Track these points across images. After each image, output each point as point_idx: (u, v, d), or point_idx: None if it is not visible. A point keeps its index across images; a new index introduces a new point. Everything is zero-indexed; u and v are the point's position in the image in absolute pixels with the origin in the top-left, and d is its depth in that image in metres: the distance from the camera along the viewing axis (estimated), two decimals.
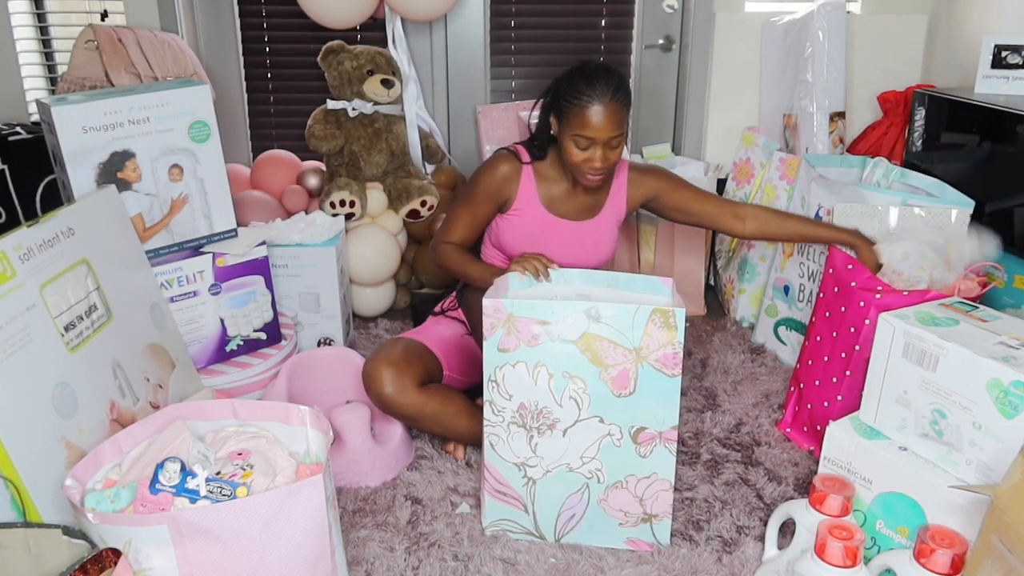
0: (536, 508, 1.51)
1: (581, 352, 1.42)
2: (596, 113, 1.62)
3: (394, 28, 2.55)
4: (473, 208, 1.81)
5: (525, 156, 1.81)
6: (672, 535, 1.53)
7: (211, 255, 1.84)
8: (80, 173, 1.66)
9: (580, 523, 1.51)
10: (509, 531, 1.54)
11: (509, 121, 2.74)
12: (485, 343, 1.45)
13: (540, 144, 1.80)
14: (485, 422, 1.50)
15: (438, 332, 1.88)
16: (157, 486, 1.18)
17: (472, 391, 1.87)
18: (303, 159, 2.68)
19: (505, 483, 1.51)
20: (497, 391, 1.46)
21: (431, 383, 1.74)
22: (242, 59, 2.81)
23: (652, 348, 1.40)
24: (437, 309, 1.99)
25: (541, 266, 1.57)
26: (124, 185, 1.71)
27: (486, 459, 1.51)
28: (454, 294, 1.99)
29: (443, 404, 1.70)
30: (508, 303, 1.42)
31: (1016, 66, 2.05)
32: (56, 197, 1.90)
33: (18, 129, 2.30)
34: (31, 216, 2.25)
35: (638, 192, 1.87)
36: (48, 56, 2.75)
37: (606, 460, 1.47)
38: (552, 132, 1.75)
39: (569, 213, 1.83)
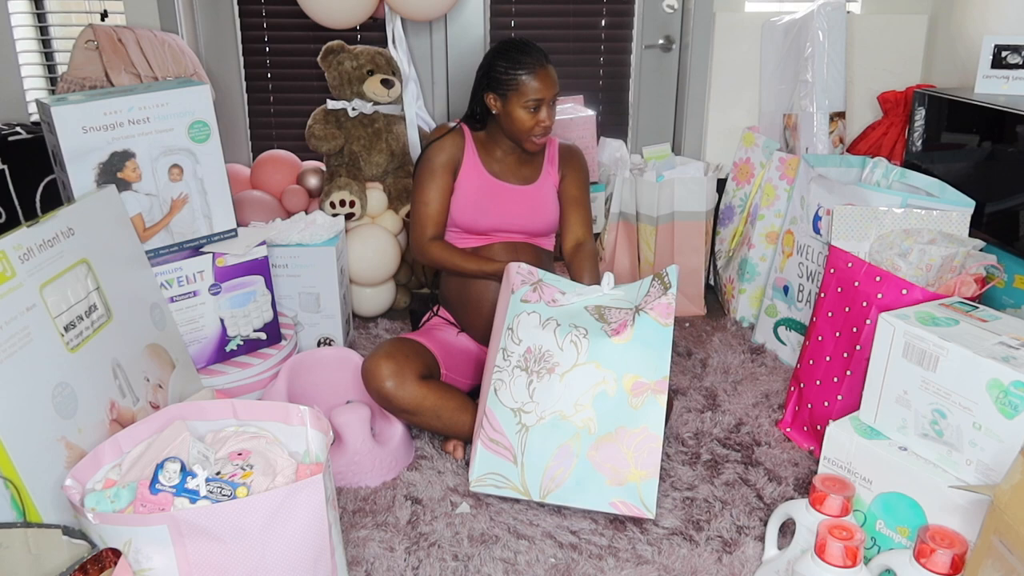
0: (525, 459, 1.54)
1: (590, 314, 1.60)
2: (542, 76, 1.80)
3: (394, 28, 2.54)
4: (436, 183, 1.89)
5: (463, 126, 1.93)
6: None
7: (211, 255, 1.84)
8: (80, 173, 1.66)
9: (567, 480, 1.53)
10: (495, 486, 1.56)
11: None
12: (511, 296, 1.61)
13: (480, 118, 1.92)
14: (495, 369, 1.58)
15: (434, 333, 1.89)
16: (157, 486, 1.18)
17: (470, 394, 1.87)
18: (303, 159, 2.68)
19: (500, 430, 1.55)
20: (511, 338, 1.59)
21: (429, 379, 1.75)
22: (242, 59, 2.80)
23: (649, 301, 1.58)
24: (422, 326, 2.02)
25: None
26: (124, 185, 1.71)
27: (487, 405, 1.57)
28: (435, 307, 2.03)
29: (443, 399, 1.71)
30: (540, 272, 1.67)
31: (1016, 66, 2.05)
32: (56, 197, 1.90)
33: (18, 129, 2.30)
34: (31, 216, 2.25)
35: (564, 164, 1.99)
36: (48, 56, 2.75)
37: (599, 409, 1.53)
38: (493, 112, 1.87)
39: (511, 179, 1.93)
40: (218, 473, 1.25)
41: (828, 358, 1.77)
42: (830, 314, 1.77)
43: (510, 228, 1.90)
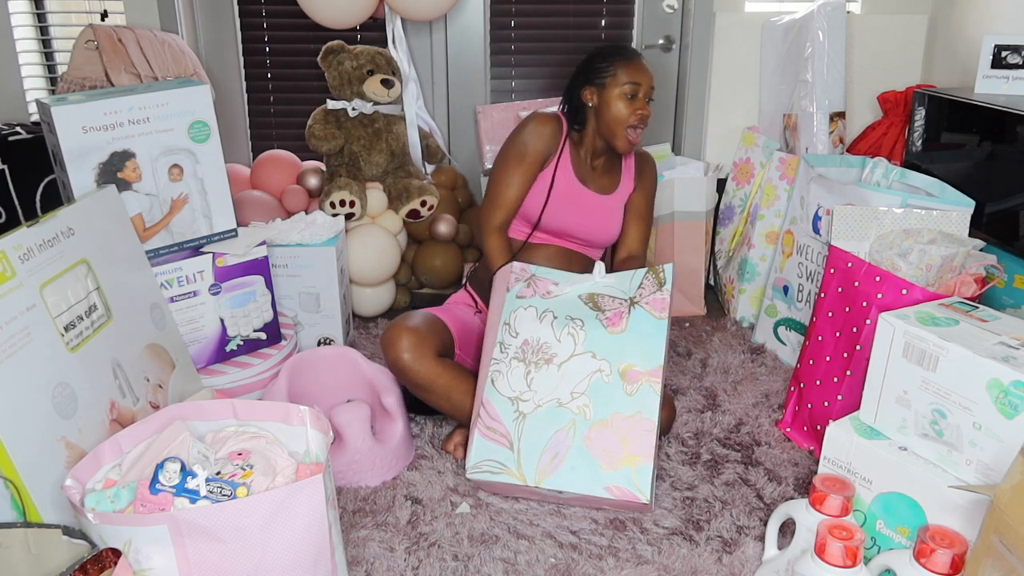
0: (521, 445, 1.56)
1: (584, 303, 1.64)
2: (637, 65, 1.84)
3: (394, 28, 2.55)
4: (524, 169, 1.85)
5: (564, 121, 1.91)
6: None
7: (211, 255, 1.84)
8: (80, 173, 1.66)
9: (562, 464, 1.53)
10: (491, 472, 1.57)
11: (509, 121, 2.74)
12: (507, 295, 1.65)
13: (579, 118, 1.90)
14: (492, 362, 1.61)
15: (453, 311, 1.91)
16: (157, 486, 1.18)
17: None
18: (303, 159, 2.68)
19: (497, 418, 1.58)
20: (508, 332, 1.64)
21: (445, 357, 1.77)
22: (242, 59, 2.81)
23: (644, 296, 1.62)
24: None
25: None
26: (124, 185, 1.71)
27: (484, 395, 1.60)
28: (466, 285, 2.04)
29: (455, 380, 1.72)
30: (532, 267, 1.71)
31: (1016, 66, 2.05)
32: (56, 197, 1.90)
33: (18, 129, 2.30)
34: (31, 216, 2.25)
35: (639, 175, 2.01)
36: (48, 56, 2.75)
37: (594, 396, 1.56)
38: (590, 104, 1.87)
39: (592, 186, 1.93)
40: (218, 473, 1.25)
41: (828, 358, 1.77)
42: (830, 314, 1.77)
43: (576, 235, 1.92)
